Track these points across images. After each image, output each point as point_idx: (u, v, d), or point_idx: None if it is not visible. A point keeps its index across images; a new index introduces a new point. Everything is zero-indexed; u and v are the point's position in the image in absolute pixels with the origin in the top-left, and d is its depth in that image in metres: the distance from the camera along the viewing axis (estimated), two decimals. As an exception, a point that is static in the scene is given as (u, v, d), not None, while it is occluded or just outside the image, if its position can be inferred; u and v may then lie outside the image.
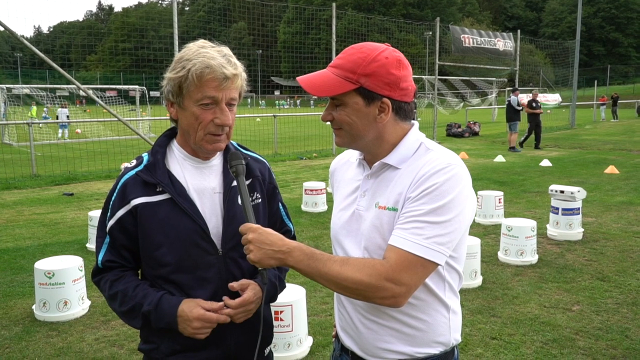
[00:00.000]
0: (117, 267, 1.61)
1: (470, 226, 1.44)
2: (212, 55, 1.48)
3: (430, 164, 1.37)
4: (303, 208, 8.16)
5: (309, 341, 3.79)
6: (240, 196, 1.51)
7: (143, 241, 1.56)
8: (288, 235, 1.83)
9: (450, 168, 1.35)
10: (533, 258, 5.62)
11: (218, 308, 1.51)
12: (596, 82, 45.94)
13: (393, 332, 1.45)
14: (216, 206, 1.59)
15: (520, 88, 19.31)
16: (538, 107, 17.12)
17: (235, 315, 1.53)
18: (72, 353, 3.71)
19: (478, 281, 5.00)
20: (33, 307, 4.38)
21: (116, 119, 10.43)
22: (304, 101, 61.11)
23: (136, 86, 26.43)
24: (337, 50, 15.02)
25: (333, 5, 15.60)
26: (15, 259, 5.79)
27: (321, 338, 3.90)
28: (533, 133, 17.27)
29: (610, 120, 32.99)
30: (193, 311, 1.48)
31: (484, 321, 4.17)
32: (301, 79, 1.44)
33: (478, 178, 10.79)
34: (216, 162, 1.64)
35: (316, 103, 48.67)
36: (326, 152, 16.05)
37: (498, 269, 5.44)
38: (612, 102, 33.82)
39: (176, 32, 11.09)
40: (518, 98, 16.72)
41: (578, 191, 6.41)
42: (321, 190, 8.15)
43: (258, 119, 22.06)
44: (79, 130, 23.85)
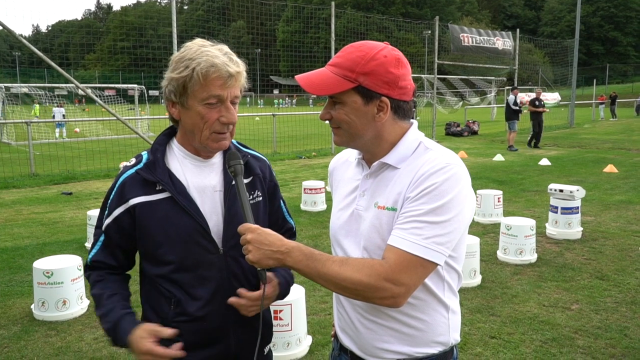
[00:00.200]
0: (104, 269, 1.61)
1: (469, 225, 1.43)
2: (215, 54, 1.47)
3: (429, 164, 1.36)
4: (302, 207, 8.15)
5: (308, 340, 3.79)
6: (238, 196, 1.50)
7: (143, 240, 1.56)
8: (290, 231, 1.84)
9: (449, 167, 1.34)
10: (532, 257, 5.62)
11: (171, 334, 1.47)
12: (595, 81, 46.00)
13: (392, 332, 1.44)
14: (217, 204, 1.58)
15: (519, 87, 19.30)
16: (541, 106, 16.99)
17: (249, 308, 1.53)
18: (71, 352, 3.70)
19: (477, 280, 5.00)
20: (32, 307, 4.38)
21: (115, 118, 10.43)
22: (302, 100, 61.06)
23: (135, 85, 26.38)
24: (336, 49, 15.01)
25: (332, 4, 15.56)
26: (13, 259, 5.78)
27: (320, 337, 3.90)
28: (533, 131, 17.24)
29: (609, 119, 33.03)
30: (140, 344, 1.43)
31: (483, 320, 4.18)
32: (300, 78, 1.43)
33: (477, 177, 10.79)
34: (216, 160, 1.63)
35: (315, 102, 48.68)
36: (325, 151, 16.04)
37: (497, 268, 5.44)
38: (611, 101, 33.84)
39: (175, 31, 11.07)
40: (517, 97, 16.68)
41: (577, 190, 6.41)
42: (320, 189, 8.15)
43: (257, 118, 22.05)
44: (78, 129, 23.82)
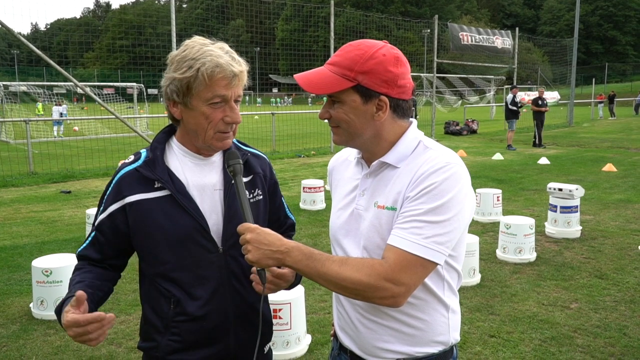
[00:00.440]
0: (87, 260, 1.63)
1: (469, 224, 1.43)
2: (218, 53, 1.46)
3: (428, 163, 1.35)
4: (301, 206, 8.15)
5: (308, 339, 3.79)
6: (237, 196, 1.49)
7: (140, 238, 1.55)
8: (292, 227, 1.85)
9: (449, 167, 1.34)
10: (531, 256, 5.62)
11: (81, 295, 1.33)
12: (594, 80, 45.98)
13: (392, 332, 1.44)
14: (216, 203, 1.57)
15: (518, 86, 19.29)
16: (544, 105, 16.95)
17: (268, 285, 1.47)
18: (70, 351, 3.70)
19: (476, 279, 5.00)
20: (30, 305, 4.37)
21: (114, 117, 10.43)
22: (301, 99, 61.01)
23: (134, 84, 26.39)
24: (335, 47, 15.00)
25: (331, 2, 15.54)
26: (12, 257, 5.77)
27: (320, 336, 3.90)
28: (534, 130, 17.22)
29: (607, 118, 33.05)
30: (64, 318, 1.32)
31: (483, 319, 4.18)
32: (299, 77, 1.42)
33: (476, 176, 10.79)
34: (216, 159, 1.62)
35: (314, 101, 48.63)
36: (324, 150, 16.03)
37: (496, 267, 5.44)
38: (609, 100, 33.86)
39: (174, 30, 11.06)
40: (516, 96, 16.67)
41: (576, 189, 6.42)
42: (319, 188, 8.14)
43: (256, 117, 22.05)
44: (77, 127, 23.78)
